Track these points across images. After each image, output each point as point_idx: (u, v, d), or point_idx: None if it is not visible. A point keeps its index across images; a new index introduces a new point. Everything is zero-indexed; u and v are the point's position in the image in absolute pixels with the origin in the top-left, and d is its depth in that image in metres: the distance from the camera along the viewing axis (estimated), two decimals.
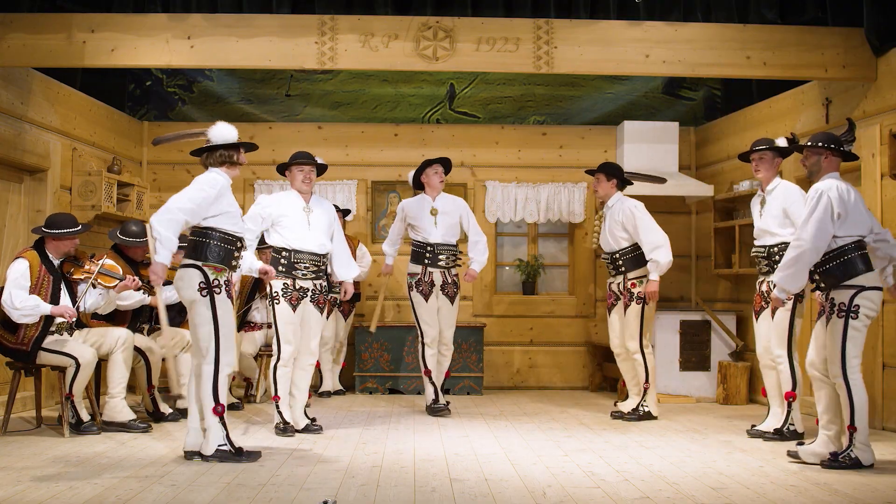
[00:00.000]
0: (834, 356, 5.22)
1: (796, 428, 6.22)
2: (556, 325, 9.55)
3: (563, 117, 9.75)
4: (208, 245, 5.24)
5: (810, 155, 5.45)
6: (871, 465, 5.18)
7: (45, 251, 6.26)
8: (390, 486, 4.67)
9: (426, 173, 7.43)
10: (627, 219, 7.12)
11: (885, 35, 6.82)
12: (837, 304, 5.23)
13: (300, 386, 6.37)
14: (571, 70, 7.20)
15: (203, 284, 5.20)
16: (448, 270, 7.37)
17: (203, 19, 6.99)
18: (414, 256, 7.44)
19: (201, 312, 5.21)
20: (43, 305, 6.02)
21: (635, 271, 7.15)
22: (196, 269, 5.22)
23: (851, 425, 5.17)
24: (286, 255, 6.25)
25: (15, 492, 4.46)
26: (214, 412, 5.21)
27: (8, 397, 6.40)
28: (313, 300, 6.33)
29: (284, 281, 6.22)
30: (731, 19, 7.43)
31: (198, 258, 5.24)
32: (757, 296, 6.48)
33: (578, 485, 4.73)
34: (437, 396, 7.37)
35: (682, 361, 8.65)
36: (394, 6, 7.35)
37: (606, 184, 7.29)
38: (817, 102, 7.57)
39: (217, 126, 5.39)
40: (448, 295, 7.37)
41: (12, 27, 6.84)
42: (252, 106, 9.59)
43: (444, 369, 7.47)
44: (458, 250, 7.47)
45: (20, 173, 7.40)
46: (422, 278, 7.35)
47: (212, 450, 5.21)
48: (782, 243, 6.27)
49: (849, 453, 5.18)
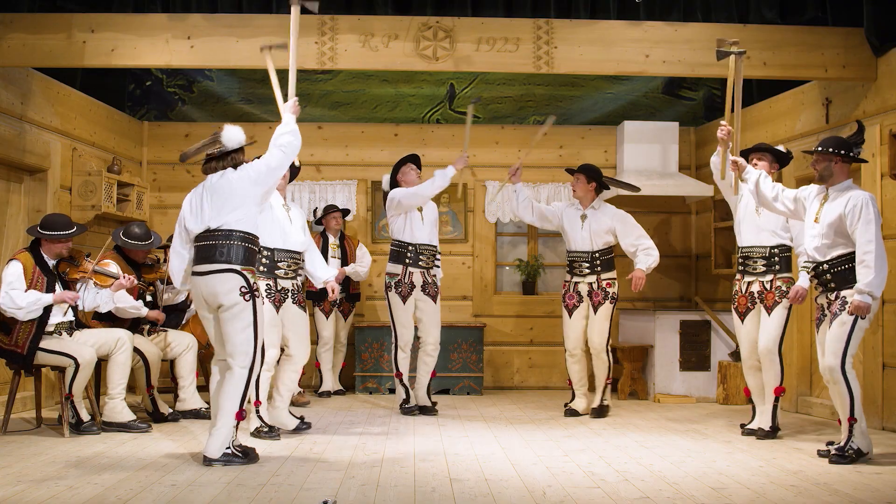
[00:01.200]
0: (836, 350, 5.35)
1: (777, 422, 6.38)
2: (556, 325, 9.53)
3: (563, 117, 9.74)
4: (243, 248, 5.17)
5: (821, 159, 5.50)
6: (868, 452, 5.38)
7: (39, 252, 6.26)
8: (390, 486, 4.67)
9: (402, 172, 7.41)
10: (619, 224, 7.27)
11: (885, 35, 6.82)
12: (849, 301, 5.36)
13: (290, 387, 6.33)
14: (571, 70, 7.21)
15: (245, 289, 5.13)
16: (427, 271, 7.36)
17: (203, 19, 6.99)
18: (394, 256, 7.38)
19: (244, 317, 5.13)
20: (44, 297, 6.05)
21: (610, 272, 7.32)
22: (235, 273, 5.13)
23: (852, 416, 5.35)
24: (268, 255, 6.14)
25: (15, 492, 4.46)
26: (237, 416, 5.15)
27: (8, 397, 6.40)
28: (294, 300, 6.28)
29: (267, 281, 6.12)
30: (731, 19, 7.43)
31: (234, 262, 5.14)
32: (742, 297, 6.49)
33: (578, 485, 4.73)
34: (408, 396, 7.34)
35: (682, 361, 8.66)
36: (394, 6, 7.35)
37: (586, 185, 7.35)
38: (817, 102, 7.57)
39: (228, 131, 5.30)
40: (430, 294, 7.35)
41: (12, 27, 6.84)
42: (252, 106, 9.59)
43: (430, 369, 7.42)
44: (437, 251, 7.46)
45: (20, 173, 7.40)
46: (401, 279, 7.30)
47: (219, 453, 5.15)
48: (781, 245, 6.30)
49: (851, 445, 5.35)
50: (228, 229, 5.17)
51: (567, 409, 7.43)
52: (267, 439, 6.05)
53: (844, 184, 5.50)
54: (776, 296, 6.28)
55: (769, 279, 6.35)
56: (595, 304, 7.26)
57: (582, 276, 7.33)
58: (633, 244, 7.24)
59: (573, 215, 7.39)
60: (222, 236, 5.16)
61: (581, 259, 7.33)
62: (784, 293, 6.27)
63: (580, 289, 7.33)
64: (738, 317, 6.52)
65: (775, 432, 6.32)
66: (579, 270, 7.33)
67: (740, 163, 5.95)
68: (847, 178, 5.52)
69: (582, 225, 7.32)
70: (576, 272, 7.36)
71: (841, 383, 5.34)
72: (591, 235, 7.29)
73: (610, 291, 7.25)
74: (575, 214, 7.39)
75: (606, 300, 7.24)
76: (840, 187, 5.50)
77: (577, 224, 7.34)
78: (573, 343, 7.38)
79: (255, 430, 6.13)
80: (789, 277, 6.32)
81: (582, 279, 7.32)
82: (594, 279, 7.29)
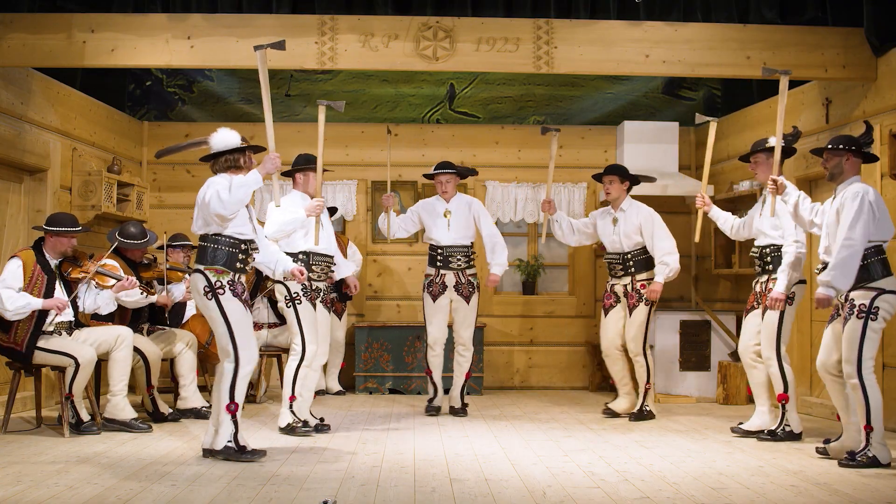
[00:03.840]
0: (851, 356, 5.27)
1: (793, 429, 6.21)
2: (556, 325, 9.55)
3: (563, 117, 9.75)
4: (213, 249, 5.31)
5: (831, 157, 5.48)
6: (888, 463, 5.24)
7: (42, 250, 6.27)
8: (390, 486, 4.67)
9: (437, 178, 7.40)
10: (646, 223, 7.19)
11: (885, 35, 6.82)
12: (858, 305, 5.29)
13: (310, 387, 6.38)
14: (571, 70, 7.21)
15: (207, 288, 5.27)
16: (462, 271, 7.34)
17: (203, 19, 6.99)
18: (429, 259, 7.44)
19: (212, 315, 5.30)
20: (34, 301, 6.04)
21: (644, 273, 7.20)
22: (199, 273, 5.31)
23: (868, 425, 5.24)
24: (303, 258, 6.29)
25: (15, 492, 4.46)
26: (228, 409, 5.27)
27: (8, 397, 6.40)
28: (323, 301, 6.44)
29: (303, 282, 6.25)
30: (731, 19, 7.43)
31: (202, 262, 5.32)
32: (752, 295, 6.49)
33: (578, 485, 4.73)
34: (435, 395, 7.36)
35: (682, 361, 8.66)
36: (394, 6, 7.35)
37: (620, 186, 7.29)
38: (817, 102, 7.57)
39: (218, 133, 5.42)
40: (463, 295, 7.32)
41: (12, 27, 6.84)
42: (252, 106, 9.59)
43: (464, 370, 7.39)
44: (471, 251, 7.42)
45: (20, 173, 7.40)
46: (434, 280, 7.33)
47: (220, 445, 5.29)
48: (772, 245, 6.28)
49: (866, 452, 5.25)
50: (204, 233, 5.36)
51: (605, 409, 7.37)
52: (301, 435, 6.14)
53: (849, 181, 5.44)
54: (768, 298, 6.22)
55: (764, 280, 6.34)
56: (630, 305, 7.20)
57: (617, 277, 7.30)
58: (652, 248, 7.17)
59: (606, 220, 7.37)
60: (204, 239, 5.37)
61: (615, 261, 7.31)
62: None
63: (616, 290, 7.31)
64: (745, 313, 6.52)
65: (778, 438, 6.18)
66: (614, 272, 7.32)
67: (780, 182, 5.79)
68: (856, 175, 5.46)
69: (613, 228, 7.30)
70: (612, 274, 7.35)
71: (859, 389, 5.23)
72: (622, 237, 7.25)
73: (643, 293, 7.16)
74: (607, 218, 7.36)
75: (641, 302, 7.15)
76: (844, 185, 5.45)
77: (609, 228, 7.32)
78: (607, 343, 7.34)
79: (287, 426, 6.20)
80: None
81: (618, 281, 7.30)
82: (629, 280, 7.25)
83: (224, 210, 5.18)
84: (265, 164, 5.39)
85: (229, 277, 5.30)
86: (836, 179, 5.48)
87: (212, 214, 5.22)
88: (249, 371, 5.35)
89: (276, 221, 6.14)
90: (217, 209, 5.18)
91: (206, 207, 5.21)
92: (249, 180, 5.24)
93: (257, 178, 5.28)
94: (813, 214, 5.69)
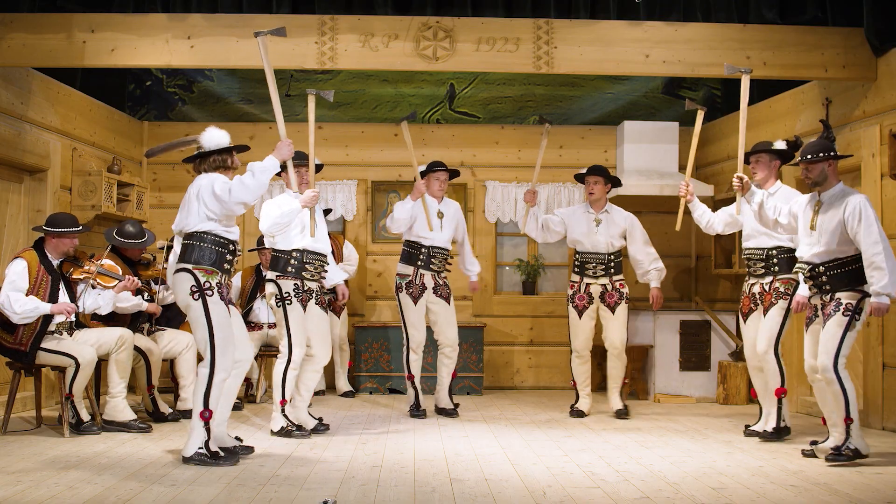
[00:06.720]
0: (829, 350, 5.35)
1: (786, 423, 6.29)
2: (556, 325, 9.54)
3: (563, 117, 9.74)
4: (200, 248, 5.21)
5: (813, 167, 5.51)
6: (867, 454, 5.37)
7: (44, 251, 6.27)
8: (390, 486, 4.67)
9: (429, 177, 7.36)
10: (631, 229, 7.35)
11: (885, 35, 6.82)
12: (844, 303, 5.38)
13: (310, 387, 6.36)
14: (571, 70, 7.21)
15: (194, 287, 5.17)
16: (438, 273, 7.34)
17: (203, 19, 6.99)
18: (406, 257, 7.34)
19: (195, 317, 5.19)
20: (42, 306, 6.03)
21: (620, 273, 7.39)
22: (187, 272, 5.19)
23: (848, 417, 5.34)
24: (297, 256, 6.21)
25: (15, 492, 4.46)
26: (201, 416, 5.15)
27: (8, 397, 6.40)
28: (317, 301, 6.35)
29: (295, 282, 6.19)
30: (731, 19, 7.42)
31: (187, 261, 5.20)
32: (745, 298, 6.48)
33: (578, 485, 4.73)
34: (418, 400, 7.31)
35: (682, 361, 8.66)
36: (394, 6, 7.35)
37: (604, 187, 7.38)
38: (817, 102, 7.57)
39: (209, 132, 5.34)
40: (442, 296, 7.31)
41: (12, 27, 6.84)
42: (252, 106, 9.59)
43: (450, 370, 7.41)
44: (449, 255, 7.44)
45: (20, 173, 7.40)
46: (412, 280, 7.27)
47: (190, 452, 5.16)
48: (780, 247, 6.28)
49: (848, 445, 5.34)
50: (190, 231, 5.24)
51: (573, 411, 7.40)
52: (297, 437, 6.10)
53: (836, 188, 5.51)
54: (773, 297, 6.24)
55: (768, 281, 6.34)
56: (611, 305, 7.28)
57: (595, 277, 7.32)
58: (641, 253, 7.31)
59: (584, 218, 7.38)
60: (190, 237, 5.25)
61: (596, 261, 7.33)
62: (781, 294, 6.21)
63: (592, 290, 7.32)
64: (742, 318, 6.52)
65: (779, 434, 6.22)
66: (592, 272, 7.33)
67: (745, 181, 5.93)
68: (838, 180, 5.55)
69: (598, 228, 7.32)
70: (587, 274, 7.34)
71: (835, 383, 5.33)
72: (609, 238, 7.30)
73: (623, 292, 7.31)
74: (587, 217, 7.38)
75: (622, 300, 7.29)
76: (833, 192, 5.50)
77: (592, 227, 7.34)
78: (582, 344, 7.36)
79: (281, 429, 6.15)
80: (789, 279, 6.22)
81: (594, 281, 7.32)
82: (607, 281, 7.30)
83: (249, 196, 5.13)
84: (280, 150, 5.42)
85: (217, 279, 5.23)
86: (822, 186, 5.55)
87: (234, 202, 5.12)
88: (224, 378, 5.21)
89: (270, 216, 6.03)
90: (242, 196, 5.10)
91: (224, 197, 5.10)
92: (268, 165, 5.24)
93: (275, 163, 5.30)
94: (777, 214, 5.82)
